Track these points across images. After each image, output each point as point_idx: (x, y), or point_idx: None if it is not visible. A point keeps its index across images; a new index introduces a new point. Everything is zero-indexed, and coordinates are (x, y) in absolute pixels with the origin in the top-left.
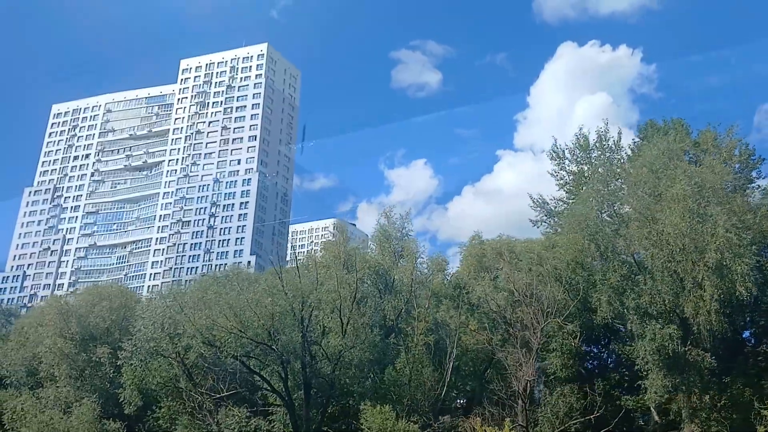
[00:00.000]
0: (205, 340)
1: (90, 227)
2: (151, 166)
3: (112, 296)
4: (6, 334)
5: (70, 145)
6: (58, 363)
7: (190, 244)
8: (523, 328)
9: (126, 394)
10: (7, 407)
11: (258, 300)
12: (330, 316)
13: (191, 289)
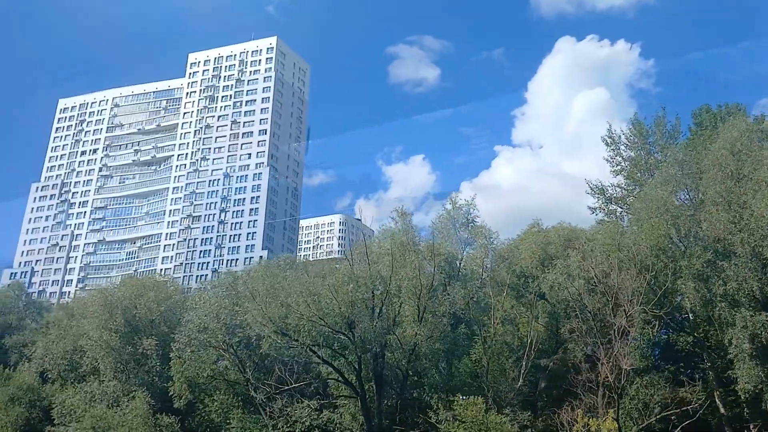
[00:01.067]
0: (277, 329)
1: (98, 223)
2: (160, 160)
3: (158, 287)
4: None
5: (77, 140)
6: (104, 356)
7: (200, 239)
8: (597, 316)
9: (175, 388)
10: (55, 401)
11: (338, 286)
12: (407, 303)
13: (248, 278)
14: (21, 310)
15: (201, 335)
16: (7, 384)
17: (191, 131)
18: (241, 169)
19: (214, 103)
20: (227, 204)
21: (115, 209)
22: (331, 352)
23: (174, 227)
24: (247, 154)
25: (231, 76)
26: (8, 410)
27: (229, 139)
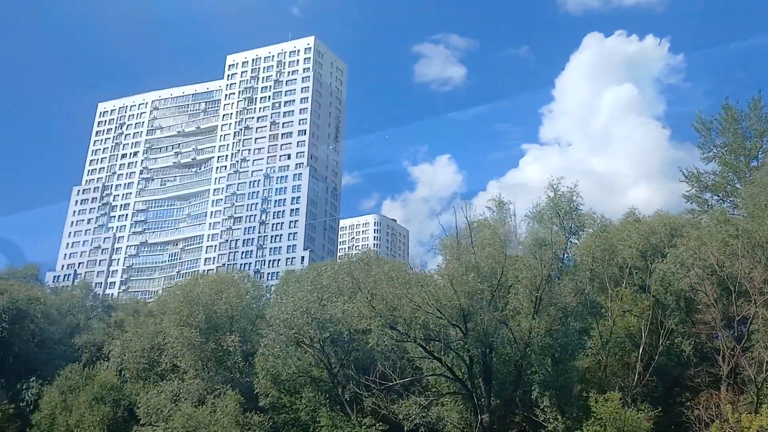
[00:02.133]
0: (385, 322)
1: (140, 225)
2: (200, 162)
3: (237, 283)
4: (108, 326)
5: (118, 143)
6: (185, 353)
7: (242, 240)
8: (716, 307)
9: (261, 385)
10: (140, 400)
11: (457, 277)
12: (522, 295)
13: (332, 272)
14: (88, 310)
15: (289, 330)
16: (88, 383)
17: (231, 133)
18: (280, 170)
19: (253, 104)
20: (268, 205)
21: (156, 211)
22: (441, 346)
23: (215, 228)
24: (286, 155)
25: (269, 77)
26: (93, 409)
27: (269, 140)
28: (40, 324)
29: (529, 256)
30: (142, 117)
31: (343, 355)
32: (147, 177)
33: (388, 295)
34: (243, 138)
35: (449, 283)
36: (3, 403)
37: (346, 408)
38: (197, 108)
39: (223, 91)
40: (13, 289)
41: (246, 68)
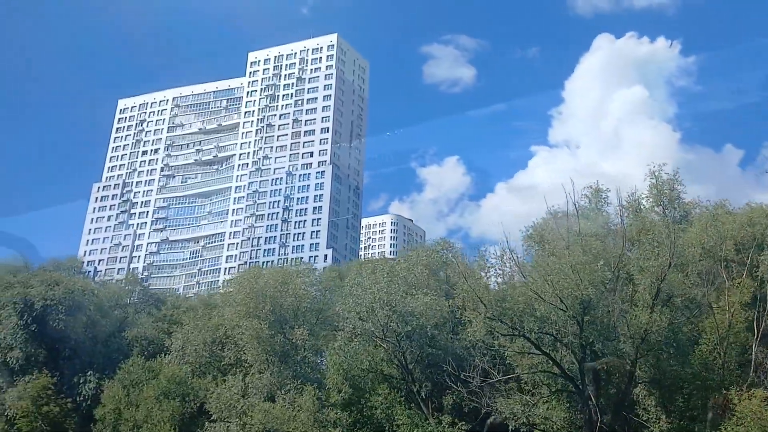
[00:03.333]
0: (494, 314)
1: (161, 222)
2: (222, 160)
3: (304, 275)
4: (160, 318)
5: (138, 140)
6: (253, 347)
7: (264, 238)
8: None
9: (333, 381)
10: (210, 395)
11: (583, 265)
12: (641, 285)
13: (410, 264)
14: (137, 303)
15: (365, 324)
16: (152, 377)
17: (252, 130)
18: (303, 168)
19: (275, 101)
20: (290, 203)
21: (177, 209)
22: (551, 340)
23: (237, 226)
24: (309, 153)
25: (291, 74)
26: (162, 405)
27: (291, 138)
28: (93, 317)
29: (645, 245)
30: (163, 114)
31: (418, 350)
32: (168, 174)
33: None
34: (265, 135)
35: (571, 271)
36: (60, 397)
37: (421, 406)
38: (218, 105)
39: (245, 88)
40: (68, 281)
41: (268, 66)
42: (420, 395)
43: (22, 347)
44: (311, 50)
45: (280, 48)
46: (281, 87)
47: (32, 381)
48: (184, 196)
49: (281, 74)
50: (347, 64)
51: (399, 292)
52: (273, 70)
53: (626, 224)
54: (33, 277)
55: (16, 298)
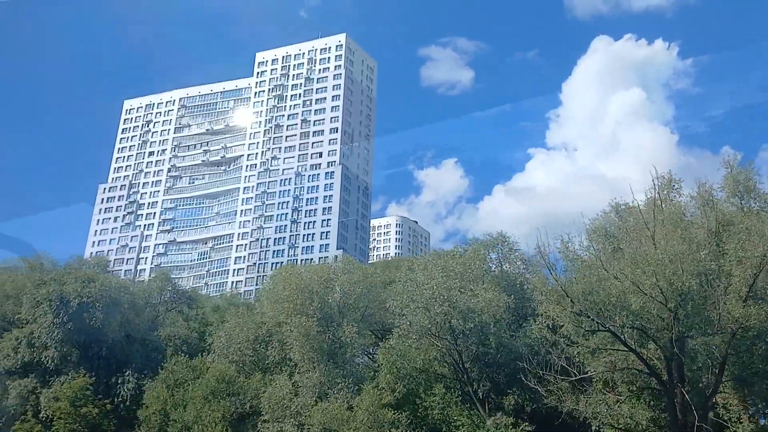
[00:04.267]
0: (582, 309)
1: (169, 223)
2: (230, 161)
3: (351, 271)
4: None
5: (145, 141)
6: (301, 344)
7: (273, 239)
8: None
9: (385, 380)
10: (263, 394)
11: (685, 255)
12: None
13: (466, 259)
14: (168, 302)
15: (423, 321)
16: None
17: (261, 131)
18: (312, 168)
19: (284, 102)
20: (299, 203)
21: (185, 210)
22: (637, 335)
23: (246, 227)
24: (318, 153)
25: (300, 74)
26: (212, 405)
27: (300, 138)
28: (128, 315)
29: (738, 235)
30: (170, 115)
31: (475, 348)
32: (175, 175)
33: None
34: (273, 136)
35: (669, 261)
36: (98, 398)
37: (477, 406)
38: (226, 106)
39: (253, 88)
40: (103, 278)
41: (276, 66)
42: (476, 395)
43: (58, 346)
44: (319, 50)
45: (288, 48)
46: (289, 87)
47: (67, 381)
48: (191, 197)
49: (289, 74)
50: (356, 64)
51: (458, 288)
52: (281, 71)
53: (704, 215)
54: (66, 275)
55: (52, 295)
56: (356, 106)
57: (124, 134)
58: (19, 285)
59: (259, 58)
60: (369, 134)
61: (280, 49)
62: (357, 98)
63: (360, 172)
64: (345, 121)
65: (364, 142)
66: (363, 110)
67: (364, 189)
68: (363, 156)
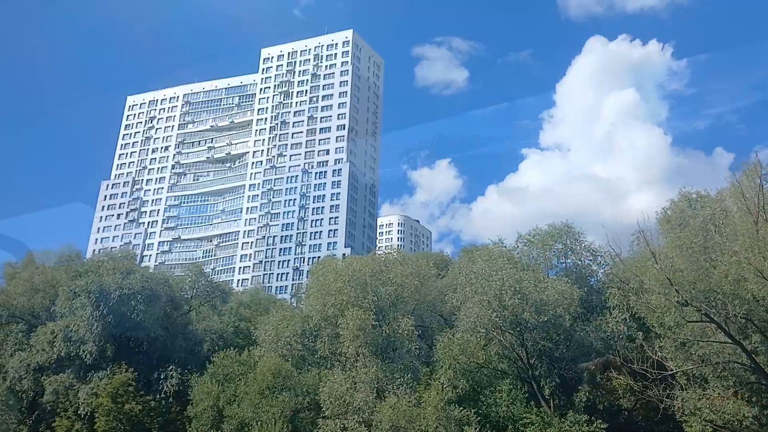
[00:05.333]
0: (689, 298)
1: (173, 221)
2: (235, 158)
3: (405, 262)
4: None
5: (148, 137)
6: (357, 338)
7: (280, 237)
8: None
9: (447, 376)
10: (322, 389)
11: None
12: None
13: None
14: (202, 295)
15: (491, 315)
16: (246, 371)
17: (266, 127)
18: (319, 166)
19: (290, 98)
20: (306, 201)
21: (189, 207)
22: (740, 326)
23: (252, 225)
24: (324, 150)
25: (306, 71)
26: (269, 400)
27: (306, 135)
28: (166, 308)
29: None
30: (173, 111)
31: (542, 342)
32: (179, 172)
33: (684, 265)
34: (279, 133)
35: None
36: (140, 394)
37: (541, 402)
38: (231, 102)
39: (258, 85)
40: (142, 269)
41: (281, 62)
42: (541, 392)
43: (96, 340)
44: (326, 46)
45: (294, 44)
46: (295, 84)
47: (107, 376)
48: (196, 194)
49: (295, 71)
50: (362, 61)
51: (530, 279)
52: (286, 67)
53: None
54: (102, 265)
55: (91, 286)
56: (363, 103)
57: (126, 131)
58: (47, 278)
59: (264, 54)
60: (376, 132)
61: (285, 45)
62: (364, 95)
63: (367, 170)
64: (352, 118)
65: (370, 140)
66: (370, 107)
67: (371, 187)
68: (370, 154)
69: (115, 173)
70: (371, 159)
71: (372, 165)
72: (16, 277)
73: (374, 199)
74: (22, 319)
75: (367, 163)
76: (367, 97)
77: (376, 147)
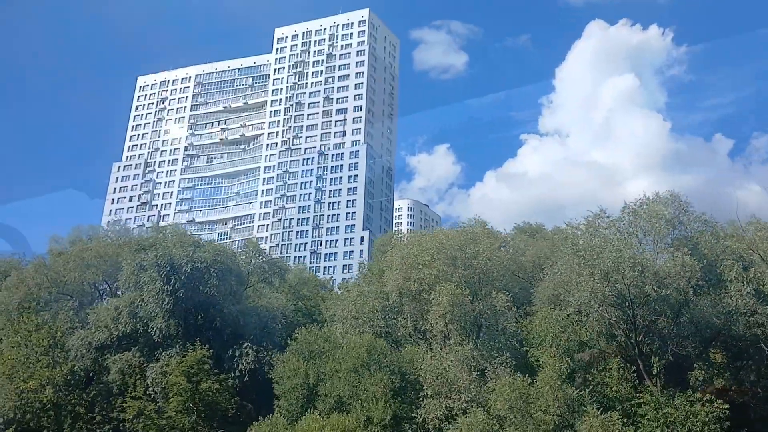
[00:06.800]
0: None
1: (187, 203)
2: (249, 139)
3: (493, 237)
4: (283, 288)
5: (160, 118)
6: (446, 314)
7: (296, 220)
8: None
9: (548, 354)
10: (422, 369)
11: None
12: None
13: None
14: (259, 271)
15: (605, 289)
16: (331, 348)
17: (281, 108)
18: (335, 147)
19: (305, 79)
20: (323, 183)
21: (203, 189)
22: None
23: (267, 207)
24: (341, 132)
25: (321, 51)
26: (368, 378)
27: (322, 116)
28: (233, 285)
29: None
30: (185, 92)
31: (651, 318)
32: (192, 154)
33: None
34: (294, 114)
35: None
36: (213, 372)
37: (646, 381)
38: (244, 83)
39: (272, 65)
40: (212, 244)
41: (296, 42)
42: (648, 370)
43: (166, 316)
44: (341, 26)
45: (308, 24)
46: (310, 64)
47: (176, 354)
48: (209, 176)
49: (310, 51)
50: (379, 41)
51: (648, 250)
52: (301, 47)
53: None
54: (165, 239)
55: (161, 260)
56: (380, 84)
57: (138, 111)
58: (101, 252)
59: (278, 34)
60: (392, 113)
61: (299, 24)
62: (380, 75)
63: (383, 152)
64: (369, 99)
65: (387, 121)
66: (386, 88)
67: (388, 169)
68: (386, 135)
69: (126, 155)
70: (387, 141)
71: (389, 147)
72: (63, 254)
73: (390, 182)
74: (71, 296)
75: (384, 145)
76: (383, 78)
77: (392, 129)
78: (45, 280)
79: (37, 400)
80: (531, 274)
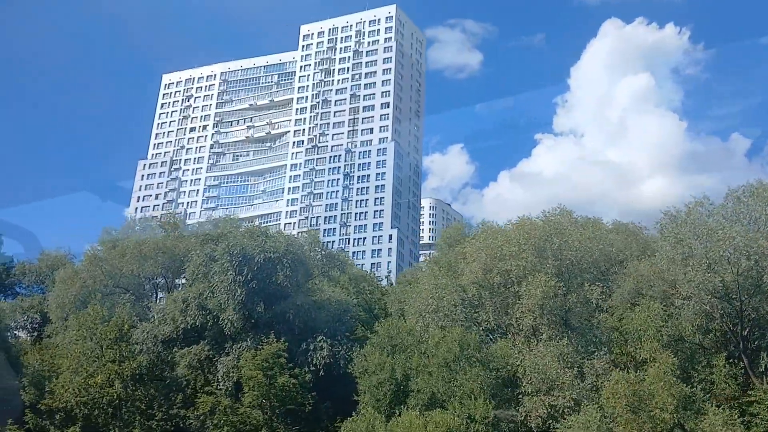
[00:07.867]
0: None
1: (213, 201)
2: (275, 137)
3: (584, 226)
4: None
5: (185, 116)
6: (536, 308)
7: (324, 218)
8: None
9: (649, 348)
10: (527, 365)
11: None
12: None
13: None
14: (320, 264)
15: (713, 278)
16: (415, 341)
17: (307, 106)
18: (363, 145)
19: (331, 76)
20: (350, 181)
21: (229, 187)
22: None
23: (294, 205)
24: (368, 129)
25: (347, 47)
26: (464, 373)
27: (349, 113)
28: (302, 277)
29: None
30: (211, 90)
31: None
32: (218, 152)
33: None
34: (321, 111)
35: None
36: (288, 367)
37: (752, 379)
38: (270, 80)
39: (298, 62)
40: (282, 235)
41: (322, 39)
42: (754, 367)
43: (238, 308)
44: (368, 22)
45: (334, 20)
46: (337, 61)
47: (247, 348)
48: (235, 174)
49: (336, 47)
50: (405, 37)
51: (764, 237)
52: (327, 44)
53: None
54: (234, 230)
55: (233, 249)
56: (407, 81)
57: (163, 109)
58: (159, 245)
59: (304, 31)
60: (419, 110)
61: (325, 21)
62: (407, 72)
63: (411, 150)
64: (396, 96)
65: (414, 119)
66: (413, 85)
67: (415, 167)
68: (413, 133)
69: (152, 153)
70: (414, 138)
71: (416, 145)
72: (118, 246)
73: (418, 181)
74: (127, 290)
75: (411, 143)
76: (410, 74)
77: (419, 126)
78: (100, 272)
79: (105, 395)
80: (605, 267)
